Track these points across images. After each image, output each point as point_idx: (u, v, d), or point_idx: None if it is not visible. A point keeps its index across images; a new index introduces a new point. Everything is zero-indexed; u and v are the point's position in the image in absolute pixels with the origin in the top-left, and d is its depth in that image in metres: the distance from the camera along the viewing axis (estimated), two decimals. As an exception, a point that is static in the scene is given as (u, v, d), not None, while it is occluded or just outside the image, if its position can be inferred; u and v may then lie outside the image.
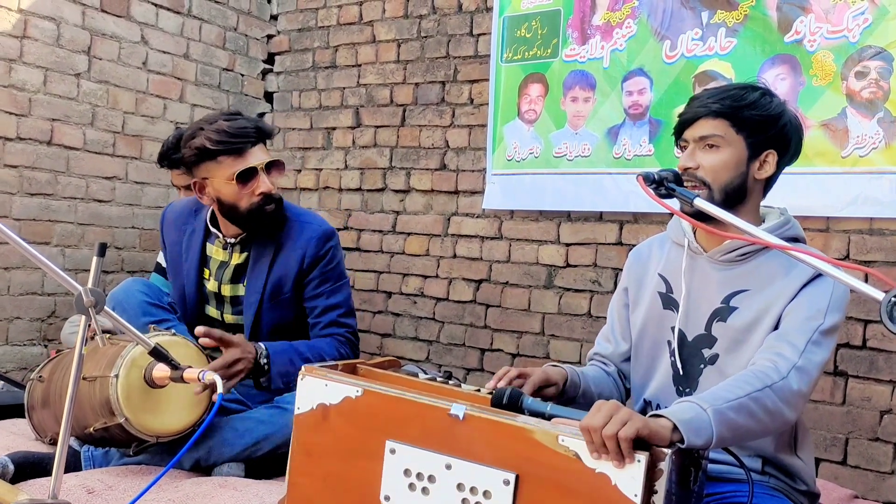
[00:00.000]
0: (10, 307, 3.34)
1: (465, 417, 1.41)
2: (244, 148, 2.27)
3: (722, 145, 1.67)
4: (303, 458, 1.58)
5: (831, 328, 1.58)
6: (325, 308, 2.40)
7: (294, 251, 2.37)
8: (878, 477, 2.61)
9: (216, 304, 2.46)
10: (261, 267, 2.37)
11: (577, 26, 3.24)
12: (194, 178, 2.35)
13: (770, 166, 1.69)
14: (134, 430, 1.96)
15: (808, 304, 1.58)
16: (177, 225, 2.51)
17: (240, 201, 2.29)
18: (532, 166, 3.34)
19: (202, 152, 2.26)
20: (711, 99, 1.69)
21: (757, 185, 1.71)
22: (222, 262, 2.43)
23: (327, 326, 2.40)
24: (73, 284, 1.52)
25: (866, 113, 2.61)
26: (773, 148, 1.69)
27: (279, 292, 2.38)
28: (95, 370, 1.98)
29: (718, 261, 1.70)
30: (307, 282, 2.40)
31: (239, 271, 2.41)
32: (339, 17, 4.02)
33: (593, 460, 1.30)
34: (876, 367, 2.62)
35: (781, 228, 1.68)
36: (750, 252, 1.67)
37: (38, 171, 3.40)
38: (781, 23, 2.78)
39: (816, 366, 1.54)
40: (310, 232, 2.40)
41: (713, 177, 1.66)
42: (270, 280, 2.37)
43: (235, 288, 2.42)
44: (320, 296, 2.40)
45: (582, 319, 3.23)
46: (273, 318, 2.39)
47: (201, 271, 2.44)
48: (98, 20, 3.56)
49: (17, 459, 2.04)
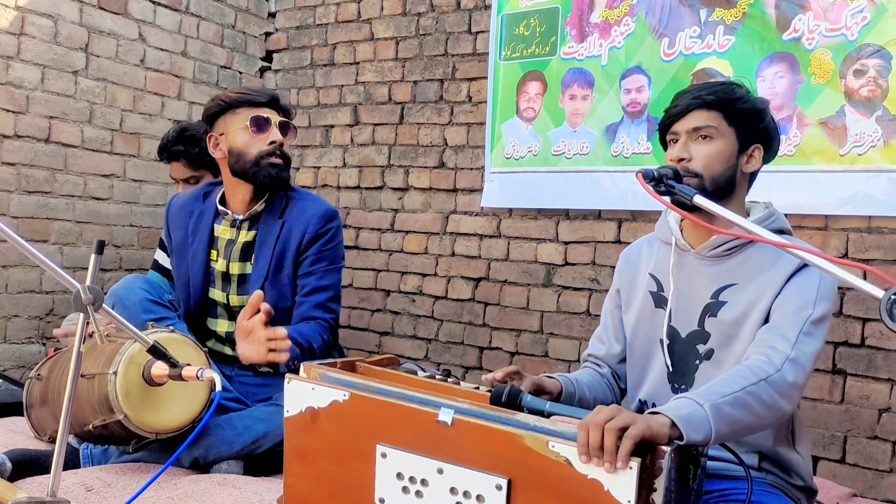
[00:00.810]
0: (8, 305, 3.34)
1: (453, 423, 1.38)
2: (262, 102, 2.41)
3: (715, 136, 1.68)
4: (296, 459, 1.56)
5: (821, 318, 1.58)
6: (315, 288, 2.38)
7: (297, 227, 2.39)
8: (876, 475, 2.61)
9: (222, 285, 2.45)
10: (268, 243, 2.39)
11: (575, 24, 3.24)
12: (211, 132, 2.44)
13: (756, 160, 1.73)
14: (133, 426, 1.95)
15: (797, 296, 1.60)
16: (183, 211, 2.53)
17: (250, 148, 2.37)
18: (531, 164, 3.34)
19: (225, 103, 2.41)
20: (704, 91, 1.71)
21: (744, 179, 1.73)
22: (230, 240, 2.44)
23: (315, 307, 2.37)
24: (72, 282, 1.52)
25: (865, 111, 2.61)
26: (760, 142, 1.72)
27: (279, 269, 2.39)
28: (94, 367, 1.98)
29: (706, 256, 1.71)
30: (303, 259, 2.39)
31: (248, 249, 2.42)
32: (338, 14, 4.02)
33: (584, 466, 1.27)
34: (874, 365, 2.62)
35: (767, 221, 1.70)
36: (736, 246, 1.69)
37: (35, 169, 3.39)
38: (780, 20, 2.77)
39: (809, 356, 1.55)
40: (313, 210, 2.41)
41: (705, 168, 1.67)
42: (275, 256, 2.38)
43: (244, 266, 2.42)
44: (312, 274, 2.39)
45: (580, 318, 3.23)
46: (273, 297, 2.36)
47: (209, 253, 2.45)
48: (96, 17, 3.56)
49: (15, 457, 2.04)
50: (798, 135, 2.73)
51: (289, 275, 2.39)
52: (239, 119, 2.38)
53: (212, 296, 2.47)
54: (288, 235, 2.39)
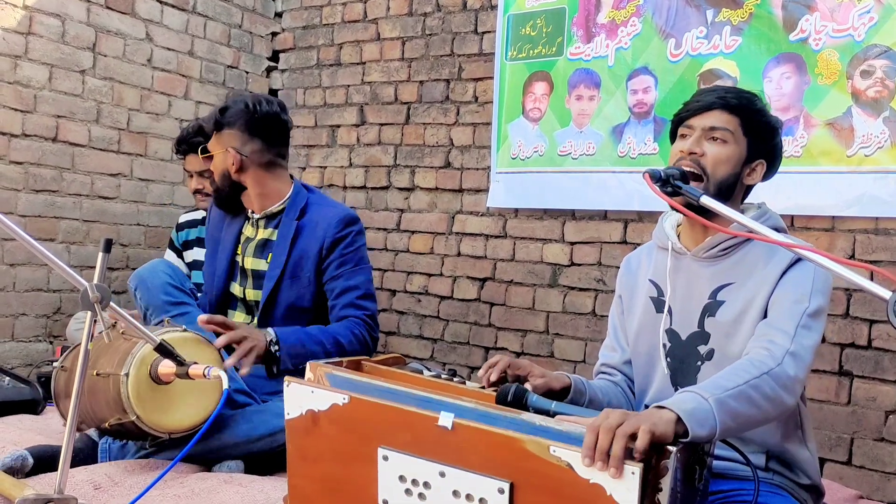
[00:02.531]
0: (16, 304, 3.35)
1: (454, 427, 1.37)
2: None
3: (729, 141, 1.68)
4: (299, 461, 1.56)
5: (818, 310, 1.59)
6: (343, 290, 2.43)
7: (316, 232, 2.45)
8: (883, 477, 2.60)
9: (241, 279, 2.54)
10: (284, 244, 2.45)
11: (581, 24, 3.24)
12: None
13: (757, 175, 1.73)
14: (146, 427, 1.96)
15: (792, 289, 1.60)
16: (221, 213, 2.64)
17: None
18: (537, 165, 3.34)
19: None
20: (729, 94, 1.71)
21: (741, 189, 1.74)
22: (249, 237, 2.54)
23: (345, 307, 2.42)
24: (79, 280, 1.53)
25: (872, 112, 2.61)
26: (765, 158, 1.73)
27: (298, 271, 2.44)
28: (108, 366, 1.98)
29: (702, 258, 1.71)
30: (327, 265, 2.45)
31: (264, 247, 2.50)
32: (344, 14, 4.03)
33: (587, 471, 1.26)
34: (881, 366, 2.62)
35: (760, 220, 1.69)
36: (732, 246, 1.69)
37: (43, 168, 3.40)
38: (787, 21, 2.77)
39: (809, 349, 1.55)
40: (332, 215, 2.47)
41: (713, 168, 1.68)
42: (292, 257, 2.44)
43: (258, 262, 2.49)
44: (339, 277, 2.44)
45: (586, 318, 3.23)
46: (290, 296, 2.44)
47: (235, 249, 2.56)
48: (103, 17, 3.57)
49: (37, 453, 2.06)
50: (805, 136, 2.73)
51: (310, 278, 2.44)
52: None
53: (231, 290, 2.56)
54: (304, 238, 2.45)
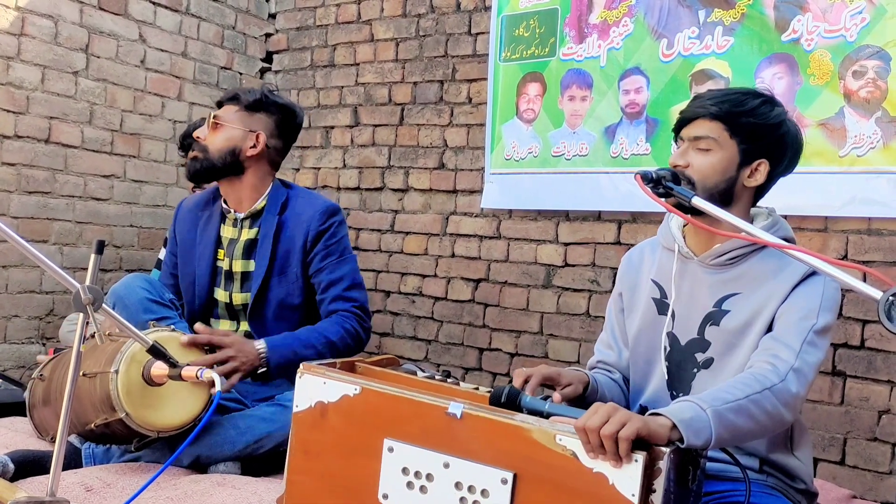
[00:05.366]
0: (9, 305, 3.34)
1: (462, 416, 1.40)
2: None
3: (713, 148, 1.66)
4: (301, 456, 1.58)
5: (825, 328, 1.58)
6: (330, 282, 2.41)
7: (299, 226, 2.42)
8: (876, 477, 2.61)
9: (225, 284, 2.47)
10: (267, 241, 2.42)
11: (574, 25, 3.25)
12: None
13: (761, 175, 1.69)
14: (135, 424, 1.96)
15: (801, 305, 1.59)
16: (192, 214, 2.56)
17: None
18: (530, 165, 3.34)
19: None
20: (711, 101, 1.69)
21: (746, 192, 1.70)
22: (232, 238, 2.47)
23: (334, 301, 2.41)
24: (72, 282, 1.52)
25: (864, 112, 2.62)
26: (767, 157, 1.68)
27: (285, 266, 2.42)
28: (95, 366, 1.98)
29: (709, 265, 1.70)
30: (311, 257, 2.42)
31: (251, 247, 2.45)
32: (338, 15, 4.02)
33: (590, 460, 1.30)
34: (874, 367, 2.63)
35: (771, 230, 1.67)
36: (740, 255, 1.67)
37: (35, 170, 3.39)
38: (779, 21, 2.78)
39: (812, 367, 1.55)
40: (314, 208, 2.44)
41: (700, 178, 1.66)
42: (277, 253, 2.41)
43: (247, 264, 2.45)
44: (324, 270, 2.42)
45: (580, 319, 3.24)
46: (279, 294, 2.41)
47: (216, 253, 2.48)
48: (96, 18, 3.56)
49: (17, 458, 2.04)
50: (797, 136, 2.74)
51: (296, 273, 2.42)
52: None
53: (215, 296, 2.49)
54: (288, 234, 2.42)
